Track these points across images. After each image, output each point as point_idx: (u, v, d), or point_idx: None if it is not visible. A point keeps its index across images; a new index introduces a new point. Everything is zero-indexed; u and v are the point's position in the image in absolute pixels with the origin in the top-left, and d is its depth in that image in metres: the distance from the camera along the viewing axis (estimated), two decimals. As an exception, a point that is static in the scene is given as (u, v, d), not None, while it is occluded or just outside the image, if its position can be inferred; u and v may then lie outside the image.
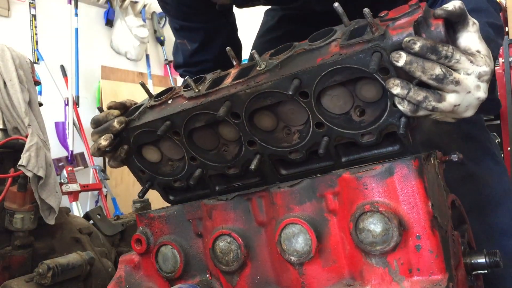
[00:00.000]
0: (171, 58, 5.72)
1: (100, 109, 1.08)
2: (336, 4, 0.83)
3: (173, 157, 1.07)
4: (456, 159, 0.93)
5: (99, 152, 1.04)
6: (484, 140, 1.36)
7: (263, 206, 0.96)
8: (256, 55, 0.91)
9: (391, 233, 0.80)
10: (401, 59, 0.77)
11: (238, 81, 0.92)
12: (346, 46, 0.83)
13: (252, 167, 0.93)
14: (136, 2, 5.22)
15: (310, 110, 0.88)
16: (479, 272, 0.96)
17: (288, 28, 1.73)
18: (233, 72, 0.98)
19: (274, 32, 1.74)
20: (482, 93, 0.80)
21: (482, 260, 0.95)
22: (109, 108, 1.09)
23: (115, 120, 1.03)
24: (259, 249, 0.97)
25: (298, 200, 0.92)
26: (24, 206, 1.82)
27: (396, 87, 0.78)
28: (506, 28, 3.78)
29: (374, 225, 0.82)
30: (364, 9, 0.81)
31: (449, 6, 0.80)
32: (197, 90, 0.97)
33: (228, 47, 0.94)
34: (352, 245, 0.85)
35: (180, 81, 5.77)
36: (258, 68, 0.91)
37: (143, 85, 1.07)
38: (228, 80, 0.96)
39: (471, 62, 0.79)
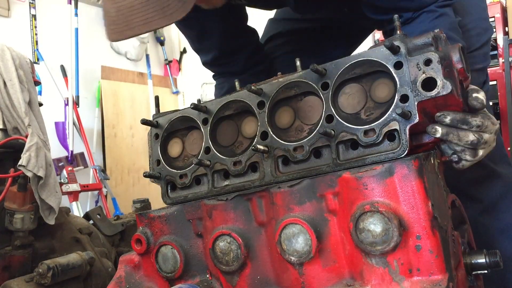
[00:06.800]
0: (171, 58, 5.73)
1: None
2: (395, 16, 0.93)
3: (191, 152, 1.15)
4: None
5: None
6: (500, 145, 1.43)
7: (263, 206, 0.97)
8: (298, 62, 1.03)
9: (391, 233, 0.81)
10: (438, 132, 0.88)
11: (279, 75, 1.07)
12: (373, 47, 0.94)
13: (254, 147, 0.98)
14: (136, 2, 5.20)
15: (326, 101, 0.95)
16: (479, 272, 0.96)
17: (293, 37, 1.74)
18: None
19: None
20: (494, 143, 0.97)
21: (482, 260, 0.95)
22: None
23: None
24: (259, 249, 0.97)
25: (298, 200, 0.92)
26: (24, 206, 1.82)
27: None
28: (506, 28, 3.77)
29: (374, 225, 0.82)
30: (394, 16, 0.92)
31: (484, 101, 0.93)
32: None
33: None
34: (352, 245, 0.85)
35: (180, 81, 5.77)
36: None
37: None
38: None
39: (493, 123, 0.95)
